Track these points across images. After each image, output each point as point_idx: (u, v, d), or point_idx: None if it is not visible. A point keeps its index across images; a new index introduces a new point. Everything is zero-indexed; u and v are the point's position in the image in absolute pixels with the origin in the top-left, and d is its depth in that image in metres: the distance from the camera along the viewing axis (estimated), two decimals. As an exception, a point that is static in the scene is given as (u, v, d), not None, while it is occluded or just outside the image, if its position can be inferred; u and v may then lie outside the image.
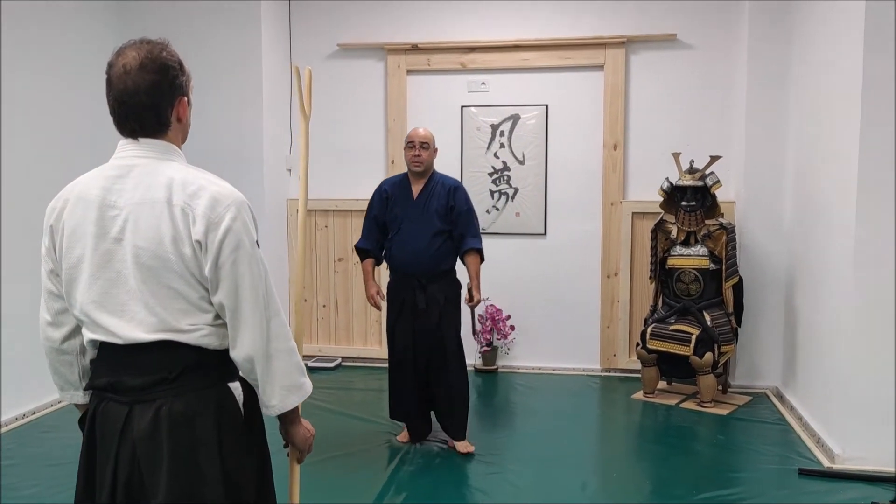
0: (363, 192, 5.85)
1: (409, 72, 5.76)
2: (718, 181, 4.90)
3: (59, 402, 4.92)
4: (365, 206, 5.75)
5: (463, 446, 4.14)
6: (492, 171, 5.73)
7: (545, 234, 5.72)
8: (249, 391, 1.88)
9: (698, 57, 5.45)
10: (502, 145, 5.71)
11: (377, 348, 5.85)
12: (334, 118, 5.85)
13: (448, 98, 5.75)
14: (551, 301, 5.74)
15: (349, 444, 4.24)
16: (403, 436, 4.29)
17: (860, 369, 3.83)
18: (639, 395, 5.12)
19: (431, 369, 4.14)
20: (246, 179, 5.51)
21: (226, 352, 1.81)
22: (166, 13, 5.52)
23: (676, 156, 5.03)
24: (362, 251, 4.25)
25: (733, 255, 4.91)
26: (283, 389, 1.82)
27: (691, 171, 4.96)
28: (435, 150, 4.21)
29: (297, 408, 1.90)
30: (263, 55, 5.50)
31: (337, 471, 3.87)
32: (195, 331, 1.76)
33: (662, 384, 5.24)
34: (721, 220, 4.97)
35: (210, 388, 1.80)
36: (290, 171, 5.96)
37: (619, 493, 3.70)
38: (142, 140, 1.78)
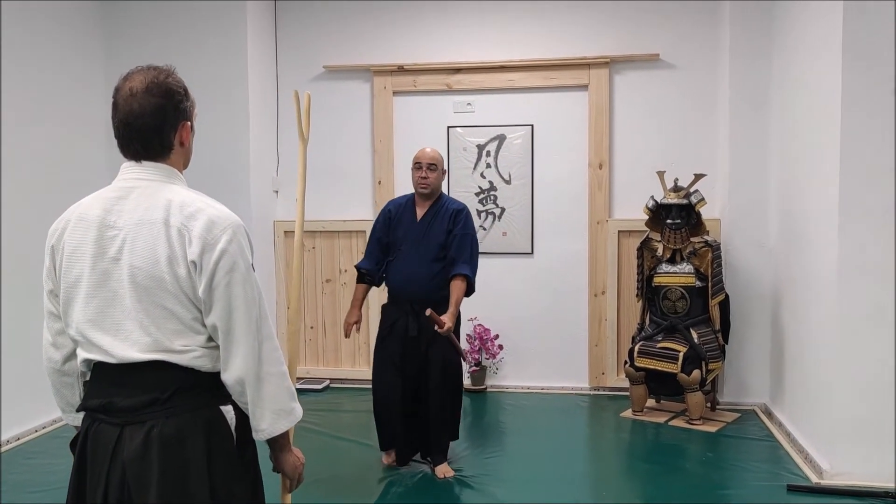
0: (350, 213, 5.88)
1: (396, 93, 5.79)
2: (703, 199, 4.94)
3: (43, 428, 4.88)
4: (352, 228, 5.82)
5: (441, 470, 4.04)
6: (478, 190, 5.75)
7: (532, 253, 5.74)
8: (242, 416, 1.86)
9: (681, 76, 5.51)
10: (489, 165, 5.74)
11: (366, 369, 5.82)
12: (321, 139, 5.86)
13: (434, 119, 5.78)
14: (539, 320, 5.75)
15: (337, 467, 4.21)
16: (388, 457, 4.22)
17: (846, 385, 3.85)
18: (627, 413, 5.12)
19: (419, 395, 4.05)
20: (232, 201, 5.44)
21: (218, 374, 1.81)
22: (152, 34, 5.53)
23: (661, 174, 5.07)
24: (360, 271, 4.17)
25: (719, 273, 4.94)
26: (272, 413, 1.81)
27: (676, 189, 5.00)
28: (443, 172, 4.16)
29: (287, 434, 1.89)
30: (250, 76, 5.51)
31: (325, 494, 3.84)
32: (188, 352, 1.76)
33: (651, 402, 5.25)
34: (706, 237, 5.01)
35: (201, 410, 1.79)
36: (276, 192, 5.97)
37: (609, 512, 3.69)
38: (144, 163, 1.82)
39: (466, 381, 5.68)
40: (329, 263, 5.93)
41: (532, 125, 5.68)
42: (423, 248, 3.99)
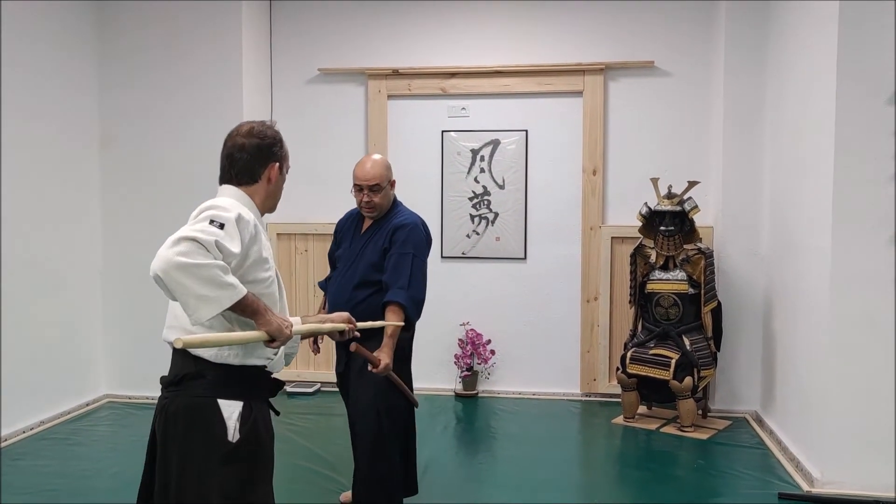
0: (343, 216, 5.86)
1: (390, 96, 5.79)
2: (696, 206, 4.94)
3: (31, 429, 4.85)
4: (345, 231, 5.79)
5: None
6: (472, 195, 5.75)
7: (525, 258, 5.73)
8: (249, 413, 2.08)
9: (676, 84, 5.52)
10: (482, 170, 5.73)
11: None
12: (315, 143, 5.86)
13: (429, 123, 5.78)
14: (531, 325, 5.74)
15: (330, 470, 4.18)
16: (346, 495, 3.66)
17: (838, 394, 3.85)
18: (619, 419, 5.12)
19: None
20: (225, 203, 5.49)
21: (226, 367, 2.06)
22: (146, 34, 5.52)
23: (655, 181, 5.08)
24: (321, 287, 3.69)
25: (711, 280, 4.95)
26: (195, 300, 1.92)
27: (669, 196, 5.01)
28: (392, 185, 3.44)
29: (251, 308, 1.98)
30: (244, 78, 5.49)
31: (316, 497, 3.81)
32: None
33: (643, 409, 5.24)
34: (699, 244, 5.01)
35: (198, 399, 2.06)
36: (269, 194, 5.94)
37: (600, 518, 3.68)
38: (226, 186, 2.21)
39: (458, 387, 5.68)
40: (321, 266, 5.89)
41: (526, 130, 5.68)
42: (354, 269, 3.36)
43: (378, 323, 3.03)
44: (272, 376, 2.25)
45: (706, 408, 5.16)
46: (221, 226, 1.97)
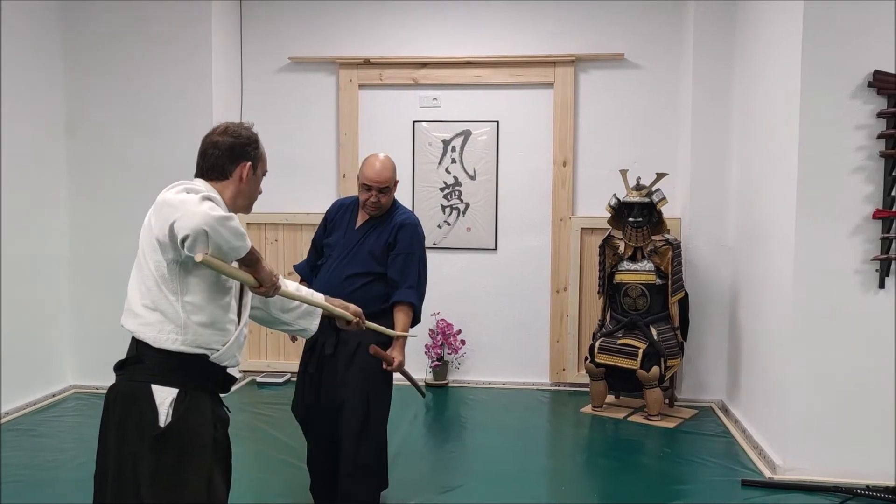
0: (314, 206, 5.84)
1: (361, 86, 5.77)
2: (664, 198, 5.00)
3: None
4: (315, 221, 5.73)
5: None
6: (443, 186, 5.75)
7: (496, 249, 5.76)
8: (184, 399, 2.09)
9: (645, 77, 5.57)
10: (454, 160, 5.74)
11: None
12: (285, 132, 5.82)
13: (400, 113, 5.77)
14: (501, 316, 5.77)
15: (299, 460, 4.19)
16: None
17: (800, 383, 3.93)
18: (587, 408, 5.17)
19: (334, 433, 3.33)
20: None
21: (165, 353, 2.09)
22: (113, 23, 5.44)
23: (624, 173, 5.12)
24: (296, 269, 3.63)
25: (679, 271, 5.01)
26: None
27: (638, 187, 5.06)
28: (396, 184, 3.43)
29: (247, 256, 2.09)
30: (214, 67, 5.44)
31: (283, 488, 3.82)
32: (137, 317, 2.15)
33: (610, 398, 5.30)
34: (667, 235, 5.07)
35: (135, 383, 2.11)
36: (239, 184, 5.89)
37: (568, 506, 3.73)
38: (198, 179, 2.26)
39: (429, 377, 5.70)
40: (292, 256, 5.88)
41: (497, 121, 5.70)
42: (351, 258, 3.38)
43: (388, 331, 3.10)
44: (227, 370, 2.24)
45: (673, 397, 5.24)
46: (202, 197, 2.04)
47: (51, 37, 5.35)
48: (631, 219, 5.01)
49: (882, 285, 3.82)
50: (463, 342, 5.71)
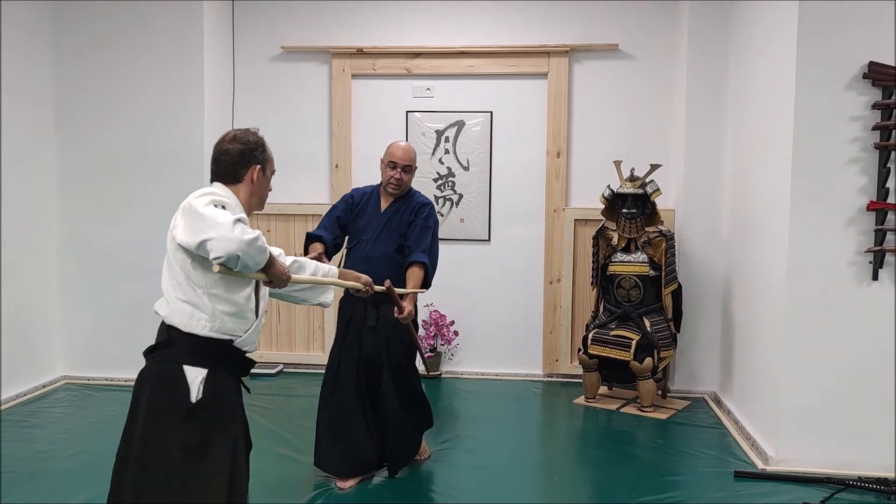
0: (306, 196, 5.82)
1: (354, 76, 5.73)
2: (658, 189, 4.99)
3: (-13, 411, 4.76)
4: (308, 211, 5.75)
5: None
6: (437, 176, 5.73)
7: (489, 240, 5.74)
8: (214, 380, 2.32)
9: (639, 67, 5.55)
10: (447, 151, 5.72)
11: (320, 354, 5.78)
12: (278, 121, 5.79)
13: (393, 103, 5.74)
14: (495, 307, 5.76)
15: (292, 451, 4.17)
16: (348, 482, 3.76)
17: (792, 375, 3.93)
18: (580, 399, 5.18)
19: (376, 394, 3.79)
20: (186, 181, 5.37)
21: (195, 337, 2.30)
22: (103, 13, 5.38)
23: (618, 164, 5.11)
24: (311, 237, 3.78)
25: (672, 262, 5.01)
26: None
27: (632, 179, 5.05)
28: (415, 169, 3.93)
29: (266, 260, 2.31)
30: (205, 56, 5.39)
31: (279, 477, 3.80)
32: (169, 305, 2.36)
33: (603, 389, 5.31)
34: (661, 227, 5.07)
35: (165, 364, 2.32)
36: (231, 174, 5.86)
37: (560, 497, 3.72)
38: (216, 183, 2.49)
39: (420, 368, 5.67)
40: (284, 246, 5.80)
41: (491, 112, 5.68)
42: (384, 238, 3.82)
43: (399, 289, 3.49)
44: (246, 355, 2.47)
45: (666, 388, 5.24)
46: (223, 206, 2.29)
47: (41, 28, 5.29)
48: (625, 210, 5.01)
49: (875, 277, 3.83)
50: (456, 333, 5.70)
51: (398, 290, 3.45)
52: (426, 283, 3.79)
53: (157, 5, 5.35)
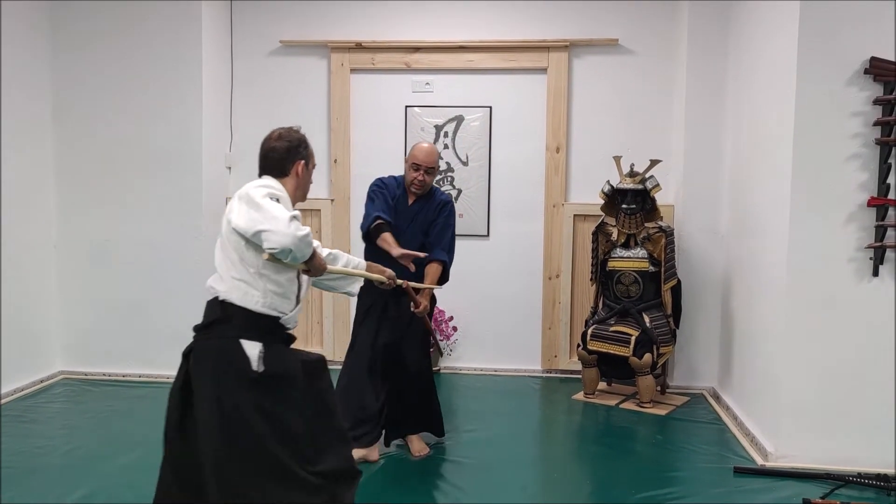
0: (305, 191, 5.79)
1: (353, 70, 5.71)
2: (658, 185, 4.98)
3: (-16, 406, 4.75)
4: (306, 206, 5.72)
5: (417, 447, 4.09)
6: (435, 171, 5.71)
7: (488, 235, 5.73)
8: (271, 351, 2.57)
9: (639, 63, 5.53)
10: (446, 146, 5.70)
11: (318, 349, 5.77)
12: (276, 116, 5.73)
13: (392, 98, 5.72)
14: (493, 302, 5.75)
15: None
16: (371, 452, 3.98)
17: (792, 371, 3.93)
18: (579, 395, 5.17)
19: (389, 374, 4.00)
20: (184, 176, 5.39)
21: (250, 312, 2.55)
22: (101, 6, 5.35)
23: (617, 159, 5.09)
24: (382, 220, 3.86)
25: (672, 258, 5.00)
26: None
27: (632, 174, 5.03)
28: (437, 170, 4.17)
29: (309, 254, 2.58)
30: (203, 51, 5.37)
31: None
32: (225, 282, 2.60)
33: (602, 385, 5.30)
34: (660, 223, 5.05)
35: (223, 340, 2.55)
36: (229, 169, 5.84)
37: (560, 493, 3.72)
38: (265, 176, 2.74)
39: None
40: (283, 242, 5.84)
41: (490, 107, 5.66)
42: (410, 234, 3.97)
43: (417, 284, 3.76)
44: (288, 332, 2.72)
45: (665, 384, 5.24)
46: (277, 199, 2.56)
47: (38, 21, 5.27)
48: (624, 206, 4.99)
49: (876, 273, 3.82)
50: (455, 329, 5.69)
51: (415, 285, 3.72)
52: (443, 280, 4.02)
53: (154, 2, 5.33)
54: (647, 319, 4.94)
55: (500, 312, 5.75)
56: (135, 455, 4.00)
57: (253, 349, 2.56)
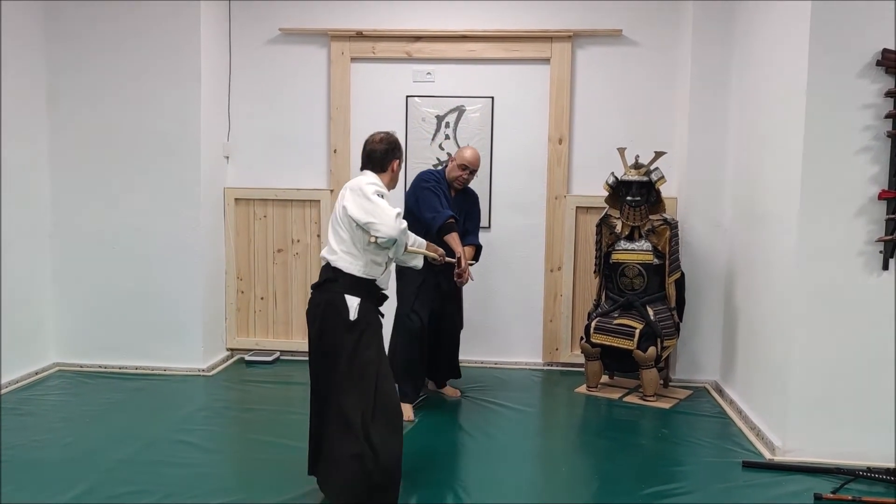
0: (304, 181, 5.74)
1: (354, 59, 5.63)
2: (663, 177, 4.94)
3: (-21, 399, 4.66)
4: (305, 197, 5.68)
5: (451, 392, 5.03)
6: (437, 162, 5.65)
7: (489, 227, 5.67)
8: (366, 305, 3.31)
9: (643, 54, 5.48)
10: (447, 137, 5.64)
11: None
12: (275, 105, 5.70)
13: (393, 87, 5.65)
14: (495, 295, 5.71)
15: (288, 438, 4.11)
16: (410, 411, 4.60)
17: (800, 364, 3.90)
18: (581, 388, 5.14)
19: (440, 333, 4.86)
20: (182, 166, 5.31)
21: (354, 277, 3.28)
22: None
23: (622, 151, 5.05)
24: (454, 219, 4.52)
25: (676, 251, 4.96)
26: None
27: (637, 166, 4.99)
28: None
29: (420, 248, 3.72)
30: (202, 39, 5.28)
31: (276, 465, 3.74)
32: (335, 254, 3.33)
33: (605, 378, 5.27)
34: (665, 215, 5.02)
35: (332, 294, 3.30)
36: (227, 158, 5.77)
37: (565, 488, 3.68)
38: (367, 171, 3.48)
39: (420, 356, 5.63)
40: (281, 232, 5.77)
41: (492, 97, 5.60)
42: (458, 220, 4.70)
43: (463, 260, 4.46)
44: (382, 291, 3.45)
45: (667, 377, 5.21)
46: (382, 195, 3.29)
47: (31, 6, 5.16)
48: (629, 198, 4.95)
49: (886, 267, 3.79)
50: (455, 321, 5.63)
51: (455, 259, 4.39)
52: (477, 257, 4.88)
53: (152, -15, 5.24)
54: (650, 312, 4.90)
55: (502, 305, 5.71)
56: (134, 449, 3.94)
57: (353, 302, 3.28)
